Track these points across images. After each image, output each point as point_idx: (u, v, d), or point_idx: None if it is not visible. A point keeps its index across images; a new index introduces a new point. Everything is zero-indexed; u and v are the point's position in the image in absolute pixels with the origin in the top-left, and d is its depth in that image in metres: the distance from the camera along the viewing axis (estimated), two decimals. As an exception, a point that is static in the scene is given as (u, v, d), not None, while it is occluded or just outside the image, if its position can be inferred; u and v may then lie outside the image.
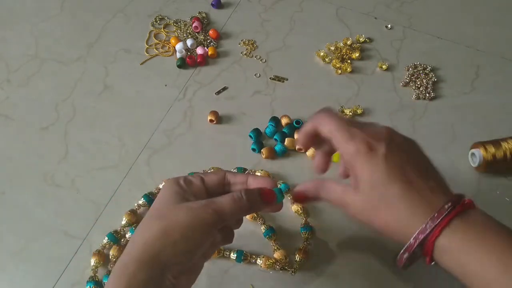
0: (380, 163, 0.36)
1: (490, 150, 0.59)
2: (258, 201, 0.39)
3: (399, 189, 0.35)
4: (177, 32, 0.78)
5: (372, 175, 0.36)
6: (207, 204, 0.37)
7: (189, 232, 0.35)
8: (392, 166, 0.36)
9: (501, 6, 0.82)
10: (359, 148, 0.36)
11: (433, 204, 0.34)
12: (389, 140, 0.37)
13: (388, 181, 0.35)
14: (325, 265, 0.55)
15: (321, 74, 0.73)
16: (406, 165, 0.36)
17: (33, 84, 0.71)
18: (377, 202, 0.36)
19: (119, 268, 0.34)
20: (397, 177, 0.36)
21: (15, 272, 0.54)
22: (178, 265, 0.35)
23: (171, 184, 0.39)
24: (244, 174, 0.42)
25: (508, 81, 0.72)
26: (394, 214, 0.35)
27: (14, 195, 0.60)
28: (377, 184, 0.36)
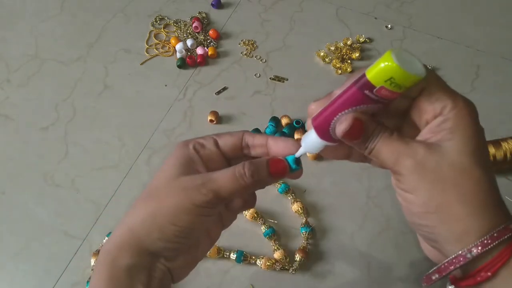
0: (484, 139, 0.30)
1: (490, 150, 0.59)
2: (265, 175, 0.33)
3: (488, 172, 0.29)
4: (177, 32, 0.78)
5: (478, 139, 0.29)
6: (203, 183, 0.32)
7: (178, 216, 0.31)
8: (488, 152, 0.30)
9: (501, 6, 0.82)
10: (472, 110, 0.30)
11: (501, 215, 0.29)
12: None
13: (488, 159, 0.29)
14: (325, 265, 0.55)
15: (321, 74, 0.73)
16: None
17: (33, 84, 0.71)
18: (470, 168, 0.28)
19: (102, 254, 0.33)
20: (487, 159, 0.30)
21: (15, 272, 0.54)
22: (170, 250, 0.33)
23: (178, 150, 0.34)
24: (264, 135, 0.35)
25: (508, 81, 0.72)
26: (482, 194, 0.28)
27: (14, 195, 0.60)
28: (480, 152, 0.29)
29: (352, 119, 0.29)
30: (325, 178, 0.62)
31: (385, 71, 0.26)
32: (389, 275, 0.54)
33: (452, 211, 0.28)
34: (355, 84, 0.28)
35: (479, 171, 0.28)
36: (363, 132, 0.30)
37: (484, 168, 0.29)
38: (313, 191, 0.61)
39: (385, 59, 0.26)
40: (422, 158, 0.29)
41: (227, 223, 0.38)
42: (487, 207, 0.28)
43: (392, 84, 0.27)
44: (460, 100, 0.30)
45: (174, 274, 0.34)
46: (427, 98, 0.29)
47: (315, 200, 0.60)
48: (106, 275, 0.32)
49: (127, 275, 0.32)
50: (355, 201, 0.60)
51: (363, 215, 0.59)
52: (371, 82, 0.27)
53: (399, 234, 0.56)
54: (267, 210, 0.59)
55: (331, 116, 0.30)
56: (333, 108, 0.30)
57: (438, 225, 0.29)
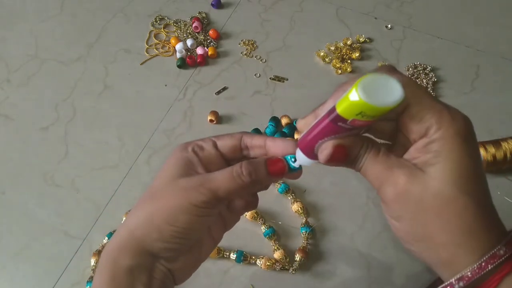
0: (475, 153, 0.28)
1: (490, 150, 0.59)
2: (263, 175, 0.33)
3: (484, 195, 0.29)
4: (177, 32, 0.78)
5: (463, 163, 0.27)
6: (202, 183, 0.32)
7: (176, 216, 0.31)
8: (481, 165, 0.29)
9: (501, 6, 0.82)
10: (458, 129, 0.28)
11: (490, 239, 0.28)
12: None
13: (476, 179, 0.28)
14: (325, 265, 0.55)
15: (321, 74, 0.73)
16: (483, 170, 0.29)
17: (33, 84, 0.71)
18: (454, 196, 0.27)
19: (104, 255, 0.33)
20: (483, 179, 0.29)
21: (15, 272, 0.54)
22: (169, 251, 0.33)
23: (177, 153, 0.35)
24: (263, 136, 0.35)
25: (508, 81, 0.72)
26: (465, 223, 0.27)
27: (14, 195, 0.60)
28: (465, 176, 0.27)
29: (331, 147, 0.29)
30: (325, 178, 0.62)
31: (354, 106, 0.25)
32: (389, 275, 0.54)
33: (436, 240, 0.28)
34: (327, 116, 0.28)
35: (464, 199, 0.27)
36: (346, 157, 0.29)
37: (471, 194, 0.27)
38: (313, 191, 0.61)
39: (352, 95, 0.25)
40: (403, 187, 0.28)
41: (229, 224, 0.38)
42: (472, 235, 0.28)
43: (364, 116, 0.25)
44: (446, 119, 0.28)
45: (176, 276, 0.34)
46: (410, 119, 0.28)
47: (315, 200, 0.60)
48: (108, 276, 0.32)
49: (128, 276, 0.32)
50: (355, 201, 0.60)
51: (363, 215, 0.59)
52: (342, 116, 0.26)
53: (399, 234, 0.56)
54: (267, 210, 0.59)
55: (313, 142, 0.30)
56: (313, 135, 0.30)
57: (425, 251, 0.29)
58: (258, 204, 0.38)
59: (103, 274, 0.32)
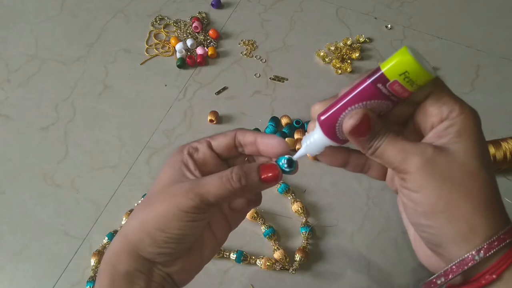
0: (485, 143, 0.30)
1: (490, 150, 0.59)
2: (255, 181, 0.32)
3: (493, 176, 0.30)
4: (177, 32, 0.78)
5: (483, 146, 0.29)
6: (191, 188, 0.31)
7: (167, 222, 0.31)
8: (488, 152, 0.31)
9: (501, 6, 0.82)
10: (477, 118, 0.30)
11: (505, 216, 0.29)
12: None
13: (488, 161, 0.30)
14: (325, 265, 0.55)
15: (321, 74, 0.73)
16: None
17: (33, 84, 0.71)
18: (477, 171, 0.29)
19: (103, 263, 0.34)
20: (491, 164, 0.31)
21: (15, 272, 0.54)
22: (163, 256, 0.33)
23: (173, 158, 0.35)
24: (254, 133, 0.35)
25: (508, 81, 0.72)
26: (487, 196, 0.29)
27: (14, 195, 0.60)
28: (485, 156, 0.29)
29: (362, 114, 0.29)
30: (325, 178, 0.62)
31: (401, 64, 0.27)
32: (389, 275, 0.54)
33: (459, 210, 0.28)
34: (368, 78, 0.28)
35: (486, 174, 0.29)
36: (370, 130, 0.29)
37: (489, 172, 0.29)
38: (313, 191, 0.61)
39: (402, 53, 0.27)
40: (431, 156, 0.29)
41: (234, 224, 0.38)
42: (492, 208, 0.29)
43: (406, 79, 0.27)
44: (467, 107, 0.30)
45: (176, 279, 0.35)
46: (434, 102, 0.30)
47: (315, 200, 0.60)
48: (107, 281, 0.33)
49: (126, 281, 0.32)
50: (355, 201, 0.60)
51: (363, 215, 0.59)
52: (385, 76, 0.28)
53: (399, 234, 0.56)
54: (267, 210, 0.59)
55: (339, 111, 0.30)
56: (343, 103, 0.30)
57: (445, 225, 0.29)
58: (261, 200, 0.38)
59: (102, 279, 0.33)
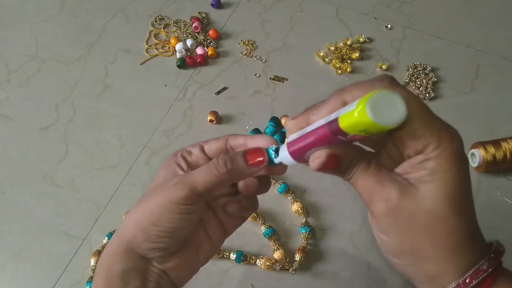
0: (466, 173, 0.28)
1: (490, 150, 0.59)
2: (242, 166, 0.33)
3: (471, 214, 0.29)
4: (177, 32, 0.78)
5: (457, 183, 0.28)
6: (180, 180, 0.32)
7: (158, 216, 0.32)
8: (469, 189, 0.29)
9: (501, 6, 0.82)
10: (455, 149, 0.27)
11: (475, 255, 0.28)
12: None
13: (466, 199, 0.28)
14: (325, 265, 0.55)
15: (321, 74, 0.73)
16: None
17: (33, 84, 0.71)
18: (446, 216, 0.28)
19: (99, 265, 0.34)
20: (471, 197, 0.29)
21: (15, 272, 0.54)
22: (157, 251, 0.33)
23: (167, 161, 0.36)
24: (244, 136, 0.36)
25: (508, 81, 0.72)
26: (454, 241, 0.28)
27: (14, 195, 0.60)
28: (457, 197, 0.28)
29: (325, 156, 0.29)
30: (325, 178, 0.62)
31: (359, 124, 0.25)
32: (389, 275, 0.54)
33: (423, 255, 0.28)
34: (328, 126, 0.27)
35: (456, 218, 0.28)
36: (338, 166, 0.29)
37: (461, 213, 0.28)
38: (313, 191, 0.61)
39: (359, 112, 0.24)
40: (396, 204, 0.28)
41: (229, 229, 0.38)
42: (460, 252, 0.28)
43: (366, 132, 0.25)
44: (445, 138, 0.27)
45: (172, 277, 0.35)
46: (409, 135, 0.27)
47: (315, 200, 0.60)
48: (103, 282, 0.33)
49: (121, 280, 0.33)
50: (355, 201, 0.60)
51: (363, 215, 0.59)
52: (344, 131, 0.26)
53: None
54: (267, 210, 0.59)
55: (305, 149, 0.30)
56: (307, 142, 0.29)
57: (411, 266, 0.29)
58: (257, 207, 0.38)
59: (98, 281, 0.33)
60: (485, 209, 0.58)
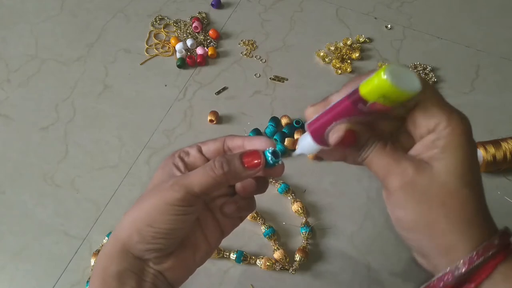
0: (474, 153, 0.30)
1: (490, 150, 0.59)
2: (238, 168, 0.33)
3: (481, 191, 0.30)
4: (177, 32, 0.78)
5: (467, 160, 0.29)
6: (176, 181, 0.32)
7: (154, 217, 0.32)
8: (478, 168, 0.31)
9: (501, 6, 0.82)
10: (464, 129, 0.30)
11: (486, 231, 0.29)
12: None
13: (476, 176, 0.30)
14: (325, 265, 0.55)
15: (321, 74, 0.73)
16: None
17: (33, 84, 0.71)
18: (458, 189, 0.29)
19: (95, 266, 0.34)
20: (480, 177, 0.31)
21: (15, 272, 0.54)
22: (152, 252, 0.33)
23: (164, 162, 0.36)
24: (242, 137, 0.36)
25: (508, 81, 0.72)
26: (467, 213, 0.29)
27: (14, 195, 0.60)
28: (468, 172, 0.29)
29: (344, 130, 0.30)
30: (325, 178, 0.62)
31: (378, 88, 0.26)
32: (389, 275, 0.54)
33: (438, 228, 0.29)
34: (348, 97, 0.29)
35: (467, 191, 0.29)
36: (355, 142, 0.31)
37: (472, 188, 0.29)
38: (313, 191, 0.61)
39: (378, 76, 0.26)
40: (411, 179, 0.29)
41: (226, 230, 0.38)
42: (472, 224, 0.29)
43: (385, 100, 0.27)
44: (455, 118, 0.30)
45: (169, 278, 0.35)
46: (422, 113, 0.30)
47: (315, 200, 0.60)
48: (99, 283, 0.33)
49: (117, 281, 0.33)
50: (355, 201, 0.60)
51: (363, 215, 0.59)
52: (364, 98, 0.27)
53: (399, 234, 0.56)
54: (267, 210, 0.59)
55: (325, 125, 0.30)
56: (327, 117, 0.30)
57: (425, 240, 0.30)
58: (254, 207, 0.38)
59: (94, 282, 0.33)
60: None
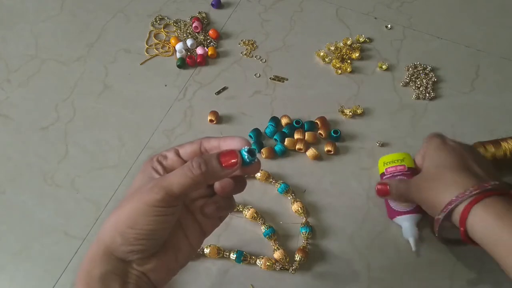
0: (444, 152, 0.52)
1: (490, 150, 0.59)
2: (216, 168, 0.34)
3: (455, 167, 0.49)
4: (177, 32, 0.78)
5: (434, 158, 0.53)
6: (155, 183, 0.33)
7: (135, 219, 0.33)
8: (455, 155, 0.51)
9: (501, 6, 0.82)
10: (436, 142, 0.54)
11: (480, 183, 0.46)
12: (457, 142, 0.55)
13: (446, 162, 0.51)
14: (325, 265, 0.55)
15: (321, 74, 0.73)
16: (468, 157, 0.51)
17: (33, 84, 0.71)
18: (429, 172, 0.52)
19: (79, 270, 0.34)
20: (457, 161, 0.50)
21: (15, 272, 0.54)
22: (135, 253, 0.34)
23: (143, 166, 0.37)
24: (217, 138, 0.37)
25: (508, 81, 0.72)
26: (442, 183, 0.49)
27: (14, 195, 0.60)
28: (437, 162, 0.52)
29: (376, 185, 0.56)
30: (325, 178, 0.62)
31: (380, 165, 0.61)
32: (389, 275, 0.54)
33: (447, 165, 0.51)
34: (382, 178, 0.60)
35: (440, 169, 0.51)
36: (387, 191, 0.55)
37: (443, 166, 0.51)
38: (313, 191, 0.61)
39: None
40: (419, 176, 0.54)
41: (207, 230, 0.39)
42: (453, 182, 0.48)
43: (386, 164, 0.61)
44: (426, 143, 0.56)
45: (152, 279, 0.35)
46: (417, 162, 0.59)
47: (315, 200, 0.60)
48: (83, 287, 0.33)
49: (100, 284, 0.33)
50: (355, 201, 0.60)
51: (363, 215, 0.59)
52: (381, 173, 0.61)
53: (399, 234, 0.56)
54: (267, 210, 0.59)
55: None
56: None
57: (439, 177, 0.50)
58: (234, 206, 0.39)
59: (79, 286, 0.33)
60: (485, 209, 0.58)
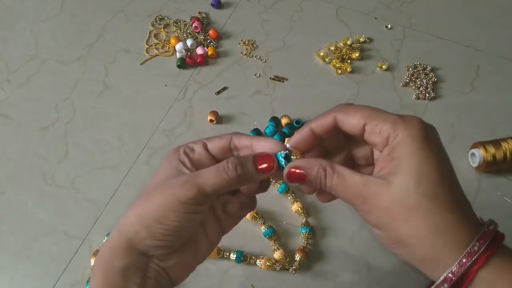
0: (435, 155, 0.30)
1: (490, 150, 0.59)
2: (252, 172, 0.33)
3: (450, 196, 0.29)
4: (177, 32, 0.78)
5: (423, 166, 0.29)
6: (188, 179, 0.32)
7: (164, 214, 0.32)
8: (446, 166, 0.30)
9: (501, 6, 0.82)
10: (414, 133, 0.30)
11: (469, 234, 0.29)
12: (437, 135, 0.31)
13: (439, 181, 0.29)
14: (325, 265, 0.55)
15: (321, 74, 0.73)
16: (451, 171, 0.31)
17: (33, 84, 0.71)
18: (416, 202, 0.29)
19: (97, 259, 0.34)
20: (448, 179, 0.30)
21: (15, 272, 0.54)
22: (159, 249, 0.33)
23: (169, 156, 0.36)
24: (250, 137, 0.36)
25: (508, 81, 0.72)
26: (431, 225, 0.29)
27: (14, 195, 0.60)
28: (426, 180, 0.29)
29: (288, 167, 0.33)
30: (325, 178, 0.62)
31: None
32: (389, 275, 0.54)
33: (409, 243, 0.30)
34: None
35: (426, 203, 0.29)
36: (304, 177, 0.33)
37: (432, 197, 0.29)
38: (313, 191, 0.61)
39: None
40: (373, 202, 0.31)
41: (227, 227, 0.38)
42: (441, 233, 0.29)
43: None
44: (400, 125, 0.30)
45: (171, 275, 0.35)
46: (371, 133, 0.31)
47: (315, 200, 0.60)
48: (102, 278, 0.32)
49: (121, 277, 0.32)
50: (355, 201, 0.60)
51: (363, 215, 0.59)
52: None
53: (399, 234, 0.56)
54: (267, 210, 0.59)
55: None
56: None
57: (405, 254, 0.31)
58: (255, 206, 0.39)
59: (96, 277, 0.33)
60: (485, 209, 0.58)
